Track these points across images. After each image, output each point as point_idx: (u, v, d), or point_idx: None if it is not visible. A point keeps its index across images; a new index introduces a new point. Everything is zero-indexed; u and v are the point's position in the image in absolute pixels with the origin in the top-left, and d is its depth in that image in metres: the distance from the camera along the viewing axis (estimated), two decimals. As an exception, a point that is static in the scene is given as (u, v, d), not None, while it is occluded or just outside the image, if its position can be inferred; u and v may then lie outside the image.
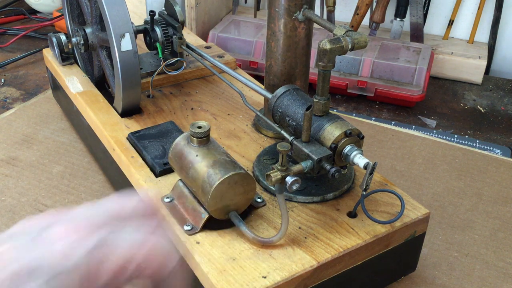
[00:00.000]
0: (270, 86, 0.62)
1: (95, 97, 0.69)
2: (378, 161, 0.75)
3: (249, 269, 0.45)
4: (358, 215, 0.51)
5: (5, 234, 0.25)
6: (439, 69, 1.01)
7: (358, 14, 1.04)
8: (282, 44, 0.59)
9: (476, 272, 0.59)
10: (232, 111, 0.69)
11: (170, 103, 0.70)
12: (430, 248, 0.61)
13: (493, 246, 0.62)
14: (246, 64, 0.96)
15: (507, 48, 1.08)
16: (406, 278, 0.57)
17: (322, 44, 0.47)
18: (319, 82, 0.49)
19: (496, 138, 0.85)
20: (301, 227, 0.50)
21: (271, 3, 0.57)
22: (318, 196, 0.52)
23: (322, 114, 0.51)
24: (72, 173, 0.71)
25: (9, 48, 1.09)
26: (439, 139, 0.81)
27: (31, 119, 0.83)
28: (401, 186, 0.70)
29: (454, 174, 0.73)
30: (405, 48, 0.96)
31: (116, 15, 0.59)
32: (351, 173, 0.56)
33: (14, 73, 1.00)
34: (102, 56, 0.68)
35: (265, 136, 0.64)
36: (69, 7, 0.75)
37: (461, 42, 1.07)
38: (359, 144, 0.50)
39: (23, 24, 1.20)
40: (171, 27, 0.71)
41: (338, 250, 0.47)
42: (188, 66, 0.76)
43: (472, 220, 0.65)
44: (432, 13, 1.09)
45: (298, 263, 0.46)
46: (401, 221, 0.50)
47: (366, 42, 0.49)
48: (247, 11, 1.18)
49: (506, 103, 0.95)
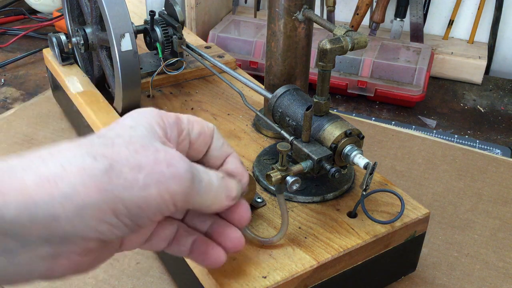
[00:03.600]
0: (270, 86, 0.62)
1: (95, 97, 0.69)
2: (378, 161, 0.75)
3: (249, 269, 0.45)
4: (358, 215, 0.51)
5: None
6: (439, 69, 1.01)
7: (358, 14, 1.04)
8: (282, 44, 0.59)
9: (476, 272, 0.59)
10: (232, 111, 0.69)
11: (170, 103, 0.70)
12: (430, 248, 0.61)
13: (493, 246, 0.62)
14: (246, 64, 0.96)
15: (507, 48, 1.08)
16: (406, 278, 0.57)
17: (322, 44, 0.47)
18: (319, 82, 0.49)
19: (496, 138, 0.85)
20: (301, 227, 0.50)
21: (271, 3, 0.57)
22: (318, 196, 0.52)
23: (322, 114, 0.51)
24: (72, 173, 0.71)
25: (9, 48, 1.09)
26: (439, 139, 0.81)
27: (31, 119, 0.83)
28: (401, 186, 0.70)
29: (454, 174, 0.73)
30: (405, 48, 0.97)
31: (116, 15, 0.59)
32: (351, 173, 0.56)
33: (14, 73, 1.00)
34: (102, 56, 0.68)
35: (265, 136, 0.64)
36: (69, 7, 0.75)
37: (461, 42, 1.07)
38: (359, 144, 0.50)
39: (23, 24, 1.20)
40: (171, 27, 0.71)
41: (338, 250, 0.47)
42: (188, 66, 0.76)
43: (472, 220, 0.65)
44: (432, 13, 1.09)
45: (298, 263, 0.46)
46: (401, 221, 0.50)
47: (366, 42, 0.49)
48: (247, 11, 1.18)
49: (506, 103, 0.95)
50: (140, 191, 0.31)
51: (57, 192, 0.29)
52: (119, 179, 0.31)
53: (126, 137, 0.33)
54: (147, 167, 0.32)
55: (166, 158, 0.33)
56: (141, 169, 0.31)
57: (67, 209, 0.29)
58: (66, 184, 0.29)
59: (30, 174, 0.29)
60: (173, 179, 0.32)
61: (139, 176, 0.31)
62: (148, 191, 0.31)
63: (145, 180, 0.31)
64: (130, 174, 0.31)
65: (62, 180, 0.29)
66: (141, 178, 0.31)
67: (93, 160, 0.30)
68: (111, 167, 0.31)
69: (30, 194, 0.28)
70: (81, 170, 0.30)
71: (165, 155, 0.33)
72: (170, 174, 0.32)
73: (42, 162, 0.30)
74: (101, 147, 0.31)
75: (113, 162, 0.31)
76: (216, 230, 0.41)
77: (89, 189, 0.30)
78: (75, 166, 0.30)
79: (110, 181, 0.30)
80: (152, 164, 0.32)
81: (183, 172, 0.33)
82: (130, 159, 0.31)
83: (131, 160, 0.31)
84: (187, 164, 0.34)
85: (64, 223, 0.29)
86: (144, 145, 0.33)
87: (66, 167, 0.30)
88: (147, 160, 0.32)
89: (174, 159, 0.33)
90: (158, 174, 0.32)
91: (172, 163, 0.33)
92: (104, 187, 0.30)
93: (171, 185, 0.32)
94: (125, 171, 0.31)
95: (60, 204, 0.29)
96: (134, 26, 0.68)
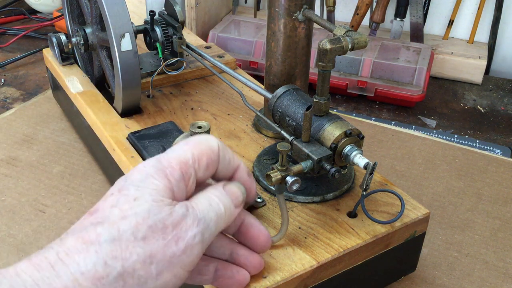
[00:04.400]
0: (270, 86, 0.62)
1: (95, 97, 0.69)
2: (378, 161, 0.75)
3: (249, 269, 0.45)
4: (358, 215, 0.51)
5: None
6: (439, 69, 1.01)
7: (358, 14, 1.04)
8: (282, 44, 0.59)
9: (476, 272, 0.59)
10: (232, 111, 0.69)
11: (170, 103, 0.70)
12: (430, 248, 0.61)
13: (493, 246, 0.62)
14: (246, 64, 0.96)
15: (507, 48, 1.08)
16: (406, 278, 0.57)
17: (322, 44, 0.47)
18: (319, 82, 0.49)
19: (496, 138, 0.85)
20: (301, 227, 0.50)
21: (271, 3, 0.57)
22: (318, 196, 0.52)
23: (322, 114, 0.51)
24: (72, 173, 0.71)
25: (9, 48, 1.09)
26: (439, 139, 0.81)
27: (31, 119, 0.83)
28: (401, 186, 0.70)
29: (454, 174, 0.73)
30: (405, 48, 0.97)
31: (116, 15, 0.59)
32: (351, 173, 0.56)
33: (14, 73, 1.00)
34: (102, 56, 0.68)
35: (265, 136, 0.64)
36: (69, 7, 0.75)
37: (461, 42, 1.07)
38: (359, 144, 0.50)
39: (23, 24, 1.20)
40: (171, 27, 0.71)
41: (338, 250, 0.47)
42: (188, 66, 0.76)
43: (472, 220, 0.65)
44: (432, 13, 1.09)
45: (298, 263, 0.46)
46: (401, 221, 0.50)
47: (366, 42, 0.49)
48: (247, 11, 1.18)
49: (506, 103, 0.95)
50: (155, 282, 0.32)
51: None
52: (133, 279, 0.31)
53: (132, 217, 0.32)
54: (158, 254, 0.32)
55: (173, 234, 0.33)
56: (152, 259, 0.32)
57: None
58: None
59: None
60: (185, 254, 0.33)
61: (151, 268, 0.31)
62: (162, 278, 0.32)
63: (157, 268, 0.32)
64: (142, 270, 0.31)
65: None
66: (153, 269, 0.31)
67: (104, 267, 0.30)
68: (123, 269, 0.31)
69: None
70: (94, 281, 0.30)
71: (172, 230, 0.33)
72: (181, 251, 0.33)
73: (54, 274, 0.29)
74: (109, 246, 0.31)
75: (124, 263, 0.31)
76: (236, 257, 0.42)
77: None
78: (88, 277, 0.30)
79: (124, 284, 0.30)
80: (163, 249, 0.32)
81: (192, 239, 0.33)
82: (140, 252, 0.31)
83: (141, 253, 0.31)
84: (196, 228, 0.34)
85: None
86: (151, 226, 0.32)
87: (79, 279, 0.29)
88: (157, 247, 0.32)
89: (181, 231, 0.33)
90: (169, 257, 0.32)
91: (180, 236, 0.33)
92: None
93: (184, 260, 0.33)
94: (138, 267, 0.31)
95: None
96: (134, 26, 0.68)
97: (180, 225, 0.33)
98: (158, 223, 0.32)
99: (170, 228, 0.33)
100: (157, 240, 0.32)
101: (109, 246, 0.31)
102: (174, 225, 0.33)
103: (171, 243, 0.32)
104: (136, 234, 0.32)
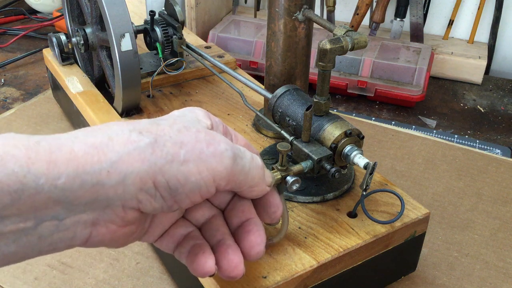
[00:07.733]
0: (270, 86, 0.62)
1: (95, 97, 0.69)
2: (378, 161, 0.75)
3: (249, 269, 0.45)
4: (358, 215, 0.51)
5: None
6: (439, 69, 1.01)
7: (358, 14, 1.04)
8: (282, 44, 0.59)
9: (476, 272, 0.59)
10: (232, 111, 0.69)
11: (170, 103, 0.70)
12: (430, 248, 0.61)
13: (493, 246, 0.62)
14: (246, 64, 0.96)
15: (507, 48, 1.08)
16: (406, 278, 0.57)
17: (322, 44, 0.47)
18: (319, 82, 0.49)
19: (496, 138, 0.85)
20: (301, 227, 0.50)
21: (271, 3, 0.57)
22: (318, 196, 0.52)
23: (322, 114, 0.51)
24: (72, 173, 0.71)
25: (9, 48, 1.09)
26: (439, 139, 0.81)
27: (31, 119, 0.83)
28: (401, 186, 0.70)
29: (454, 174, 0.73)
30: (405, 48, 0.97)
31: (116, 15, 0.59)
32: (351, 173, 0.56)
33: (14, 73, 1.00)
34: (102, 56, 0.68)
35: (265, 136, 0.64)
36: (69, 7, 0.75)
37: (461, 42, 1.07)
38: (359, 144, 0.50)
39: (23, 24, 1.20)
40: (171, 27, 0.71)
41: (338, 250, 0.47)
42: (188, 66, 0.76)
43: (472, 220, 0.65)
44: (432, 13, 1.09)
45: (298, 263, 0.46)
46: (401, 221, 0.50)
47: (366, 42, 0.49)
48: (247, 11, 1.18)
49: (506, 103, 0.95)
50: (180, 166, 0.33)
51: (104, 159, 0.31)
52: (162, 152, 0.33)
53: (171, 120, 0.36)
54: (189, 144, 0.34)
55: (206, 138, 0.35)
56: (183, 145, 0.33)
57: (112, 176, 0.31)
58: (113, 153, 0.31)
59: (78, 144, 0.31)
60: (214, 158, 0.34)
61: (181, 152, 0.33)
62: (188, 167, 0.33)
63: (185, 156, 0.33)
64: (172, 148, 0.33)
65: (108, 148, 0.31)
66: (182, 153, 0.33)
67: (139, 135, 0.33)
68: (155, 140, 0.33)
69: (79, 162, 0.30)
70: (126, 141, 0.32)
71: (205, 136, 0.35)
72: (210, 153, 0.34)
73: (90, 133, 0.32)
74: (147, 125, 0.34)
75: (157, 137, 0.33)
76: (221, 250, 0.39)
77: (133, 158, 0.32)
78: (122, 137, 0.32)
79: (153, 152, 0.32)
80: (194, 142, 0.34)
81: (224, 150, 0.35)
82: (173, 136, 0.34)
83: (173, 136, 0.34)
84: (228, 144, 0.35)
85: (108, 189, 0.31)
86: (187, 127, 0.35)
87: (113, 137, 0.32)
88: (189, 139, 0.34)
89: (214, 140, 0.35)
90: (198, 151, 0.34)
91: (212, 143, 0.34)
92: (147, 158, 0.32)
93: (211, 163, 0.34)
94: (168, 145, 0.33)
95: (106, 171, 0.31)
96: (134, 26, 0.68)
97: (214, 137, 0.35)
98: (193, 128, 0.35)
99: (203, 134, 0.35)
100: (189, 135, 0.34)
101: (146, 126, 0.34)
102: (207, 133, 0.35)
103: (202, 143, 0.34)
104: (172, 126, 0.34)
